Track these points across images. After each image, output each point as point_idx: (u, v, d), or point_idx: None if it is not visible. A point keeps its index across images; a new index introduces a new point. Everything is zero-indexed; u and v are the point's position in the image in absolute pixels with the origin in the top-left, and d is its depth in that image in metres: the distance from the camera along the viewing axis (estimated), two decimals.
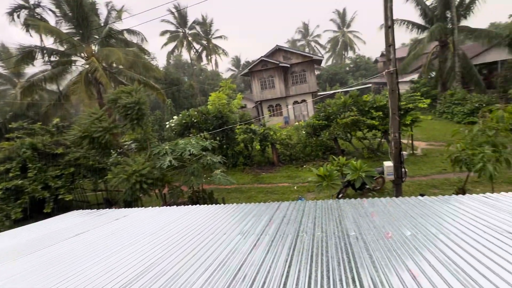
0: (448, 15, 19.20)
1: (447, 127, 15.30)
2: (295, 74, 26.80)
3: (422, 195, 5.46)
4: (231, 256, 2.75)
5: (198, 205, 5.36)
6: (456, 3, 18.78)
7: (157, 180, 7.60)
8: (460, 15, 19.17)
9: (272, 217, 3.85)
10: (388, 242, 2.62)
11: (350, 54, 54.74)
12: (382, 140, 12.31)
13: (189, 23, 37.69)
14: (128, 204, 7.67)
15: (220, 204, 5.33)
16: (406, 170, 7.01)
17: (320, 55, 49.72)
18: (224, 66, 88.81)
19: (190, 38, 38.81)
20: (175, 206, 5.66)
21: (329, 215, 3.71)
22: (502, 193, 3.77)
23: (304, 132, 14.06)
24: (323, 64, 55.45)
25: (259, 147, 14.07)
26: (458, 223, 2.88)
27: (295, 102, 27.36)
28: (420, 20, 21.31)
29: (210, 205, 5.20)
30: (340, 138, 12.68)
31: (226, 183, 7.90)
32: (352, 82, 43.57)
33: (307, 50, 56.79)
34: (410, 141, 12.01)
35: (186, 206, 5.39)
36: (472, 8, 18.98)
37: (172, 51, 40.25)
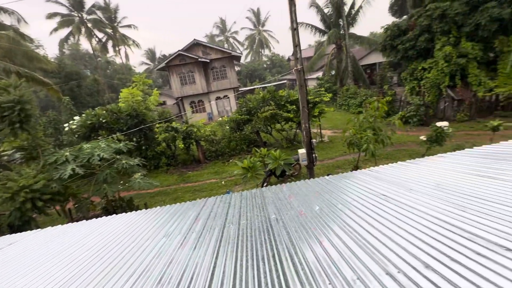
0: (341, 23, 22.83)
1: (345, 117, 18.36)
2: (215, 69, 26.70)
3: (328, 175, 6.44)
4: (156, 260, 2.60)
5: (115, 215, 4.77)
6: (346, 12, 22.51)
7: (57, 194, 6.34)
8: (349, 23, 23.09)
9: (199, 214, 3.81)
10: (302, 219, 3.01)
11: (267, 52, 58.33)
12: (297, 130, 13.78)
13: (86, 7, 32.09)
14: (17, 229, 6.12)
15: (142, 210, 4.90)
16: (317, 155, 8.09)
17: (239, 51, 51.10)
18: (136, 59, 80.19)
19: (90, 25, 33.17)
20: (85, 221, 4.87)
21: (254, 203, 3.95)
22: (381, 166, 4.85)
23: (228, 127, 14.29)
24: (242, 61, 57.13)
25: (182, 145, 13.51)
26: (353, 194, 3.55)
27: (218, 98, 27.37)
28: (321, 25, 24.58)
29: (130, 212, 4.72)
30: (261, 131, 13.48)
31: (148, 187, 7.29)
32: (269, 78, 46.64)
33: (226, 46, 57.28)
34: (319, 130, 13.88)
35: (100, 218, 4.73)
36: (356, 18, 23.15)
37: (66, 39, 33.55)
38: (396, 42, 15.47)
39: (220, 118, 17.93)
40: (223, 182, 10.48)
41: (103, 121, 11.60)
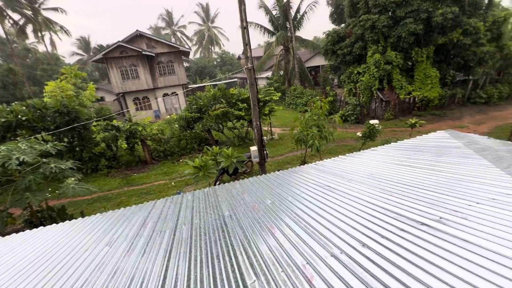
0: (288, 26, 23.96)
1: (293, 115, 19.39)
2: (162, 64, 25.15)
3: (279, 170, 6.72)
4: (97, 272, 2.35)
5: (42, 227, 4.12)
6: (292, 16, 23.72)
7: None
8: (295, 26, 24.39)
9: (147, 218, 3.57)
10: (255, 213, 3.09)
11: (217, 49, 57.47)
12: (249, 128, 14.00)
13: None
14: None
15: (78, 219, 4.34)
16: (268, 152, 8.37)
17: (188, 47, 49.11)
18: (66, 49, 69.66)
19: (0, 3, 27.61)
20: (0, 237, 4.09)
21: (207, 202, 3.88)
22: (325, 160, 5.28)
23: (177, 126, 13.66)
24: (191, 57, 55.14)
25: (125, 145, 12.39)
26: (301, 186, 3.80)
27: (165, 95, 25.88)
28: (269, 26, 25.37)
29: (62, 223, 4.13)
30: (213, 129, 13.28)
31: (85, 193, 6.48)
32: (220, 75, 46.14)
33: (173, 40, 54.45)
34: (269, 128, 14.36)
35: (23, 232, 4.02)
36: (302, 22, 24.62)
37: None
38: (336, 47, 16.98)
39: (168, 116, 17.01)
40: (173, 183, 9.99)
41: (23, 118, 9.82)
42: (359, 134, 9.41)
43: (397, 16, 14.19)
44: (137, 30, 23.39)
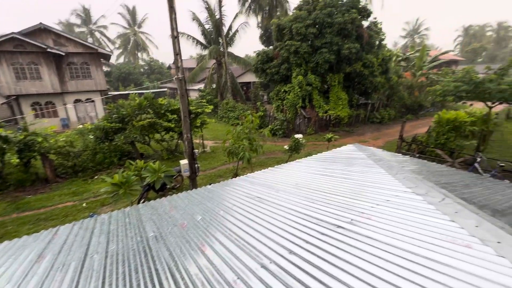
0: (221, 41, 24.49)
1: (226, 128, 19.55)
2: (74, 66, 21.72)
3: (211, 184, 6.56)
4: None
5: None
6: (225, 33, 24.42)
7: None
8: (227, 42, 25.14)
9: (45, 250, 2.88)
10: (184, 232, 2.89)
11: (145, 56, 53.58)
12: (179, 141, 13.32)
13: None
14: None
15: None
16: (199, 165, 8.09)
17: (109, 49, 44.12)
18: None
19: None
20: None
21: (127, 224, 3.42)
22: (256, 172, 5.45)
23: (92, 137, 11.84)
24: (113, 61, 49.72)
25: (17, 160, 9.91)
26: (233, 199, 3.78)
27: (78, 101, 22.28)
28: (202, 39, 25.36)
29: None
30: (138, 141, 12.07)
31: None
32: (147, 84, 42.95)
33: (90, 40, 48.13)
34: (201, 141, 14.02)
35: None
36: (234, 39, 25.60)
37: None
38: (265, 66, 18.25)
39: (81, 126, 14.61)
40: (84, 204, 8.48)
41: None
42: (286, 147, 10.18)
43: (315, 45, 16.39)
44: (40, 23, 19.67)
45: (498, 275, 1.50)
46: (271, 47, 23.08)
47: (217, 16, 23.52)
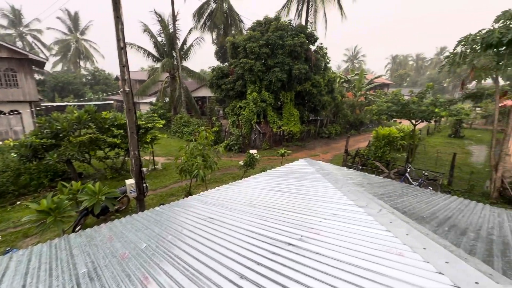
0: (175, 55, 23.97)
1: (179, 144, 18.76)
2: None
3: (162, 204, 6.11)
4: None
5: None
6: (179, 46, 24.02)
7: None
8: (182, 56, 24.73)
9: None
10: (124, 263, 2.57)
11: (88, 65, 49.10)
12: (126, 158, 12.25)
13: None
14: None
15: None
16: (147, 185, 7.51)
17: (44, 56, 39.26)
18: None
19: None
20: None
21: (53, 260, 2.91)
22: (210, 190, 5.27)
23: (15, 155, 10.10)
24: (48, 69, 44.42)
25: None
26: (183, 221, 3.55)
27: None
28: (155, 52, 24.46)
29: None
30: (75, 159, 10.69)
31: None
32: (90, 95, 39.16)
33: (20, 44, 42.35)
34: (152, 157, 13.14)
35: None
36: (189, 53, 25.34)
37: None
38: (220, 82, 18.37)
39: (0, 142, 12.40)
40: None
41: None
42: (241, 163, 10.19)
43: (269, 64, 17.22)
44: None
45: (424, 280, 1.67)
46: (226, 63, 23.46)
47: (171, 30, 23.11)
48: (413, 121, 12.33)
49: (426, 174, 9.98)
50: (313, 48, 18.94)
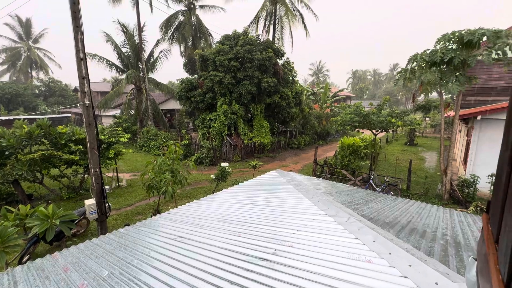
0: (141, 66, 23.18)
1: (146, 158, 17.86)
2: None
3: (127, 225, 5.68)
4: None
5: None
6: (145, 58, 23.32)
7: None
8: (148, 68, 24.00)
9: None
10: None
11: (42, 75, 45.17)
12: (86, 176, 11.28)
13: None
14: None
15: None
16: (110, 204, 6.96)
17: None
18: None
19: None
20: None
21: None
22: (180, 207, 5.05)
23: None
24: None
25: None
26: (151, 243, 3.32)
27: None
28: (119, 63, 23.40)
29: None
30: (24, 179, 9.56)
31: None
32: (44, 108, 35.88)
33: None
34: (115, 174, 12.28)
35: None
36: (156, 65, 24.69)
37: None
38: (189, 94, 18.09)
39: None
40: None
41: None
42: (212, 176, 9.98)
43: (238, 77, 17.45)
44: None
45: (391, 285, 1.75)
46: (195, 75, 23.28)
47: (137, 41, 22.42)
48: (374, 131, 13.27)
49: (387, 180, 10.70)
50: (280, 62, 19.69)
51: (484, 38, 8.09)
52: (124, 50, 23.06)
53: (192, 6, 27.14)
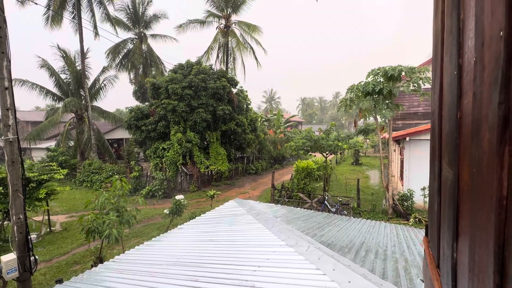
0: (83, 94, 21.32)
1: (87, 195, 15.81)
2: None
3: (59, 281, 4.74)
4: None
5: None
6: (88, 85, 21.62)
7: None
8: (92, 96, 22.20)
9: None
10: None
11: None
12: (5, 223, 9.34)
13: None
14: None
15: None
16: (37, 257, 5.78)
17: None
18: None
19: None
20: None
21: None
22: (127, 251, 4.45)
23: None
24: None
25: None
26: None
27: None
28: (56, 90, 21.17)
29: None
30: None
31: None
32: None
33: None
34: (45, 217, 10.46)
35: None
36: (101, 92, 23.01)
37: None
38: (140, 123, 17.10)
39: None
40: None
41: None
42: (166, 211, 9.23)
43: (193, 105, 17.29)
44: None
45: None
46: (147, 103, 22.33)
47: (79, 67, 20.83)
48: (324, 154, 14.22)
49: (340, 200, 11.35)
50: (234, 90, 20.30)
51: (403, 73, 9.70)
52: (63, 76, 21.11)
53: (143, 35, 26.80)
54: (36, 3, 15.11)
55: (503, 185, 0.52)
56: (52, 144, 23.82)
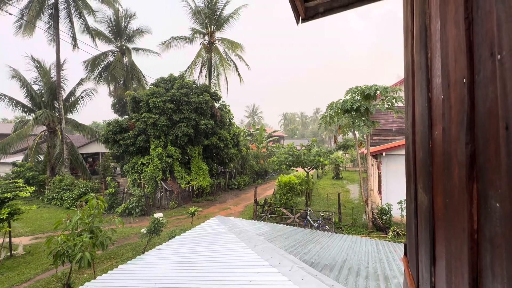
0: (57, 106, 20.33)
1: (57, 214, 14.72)
2: None
3: None
4: None
5: None
6: (64, 97, 20.70)
7: None
8: (67, 108, 21.23)
9: None
10: None
11: None
12: None
13: None
14: None
15: None
16: None
17: None
18: None
19: None
20: None
21: None
22: (100, 277, 4.13)
23: None
24: None
25: None
26: None
27: None
28: (27, 102, 20.04)
29: None
30: None
31: None
32: None
33: None
34: (5, 240, 9.53)
35: None
36: (77, 105, 22.07)
37: None
38: (118, 137, 16.48)
39: None
40: None
41: None
42: (143, 230, 8.75)
43: (174, 119, 17.04)
44: None
45: None
46: (126, 116, 21.70)
47: (54, 78, 19.99)
48: (306, 169, 14.43)
49: (322, 214, 11.44)
50: (217, 105, 20.34)
51: (378, 92, 10.28)
52: (36, 87, 20.12)
53: (124, 48, 26.46)
54: (10, 14, 14.53)
55: (473, 219, 0.55)
56: (19, 158, 22.18)
